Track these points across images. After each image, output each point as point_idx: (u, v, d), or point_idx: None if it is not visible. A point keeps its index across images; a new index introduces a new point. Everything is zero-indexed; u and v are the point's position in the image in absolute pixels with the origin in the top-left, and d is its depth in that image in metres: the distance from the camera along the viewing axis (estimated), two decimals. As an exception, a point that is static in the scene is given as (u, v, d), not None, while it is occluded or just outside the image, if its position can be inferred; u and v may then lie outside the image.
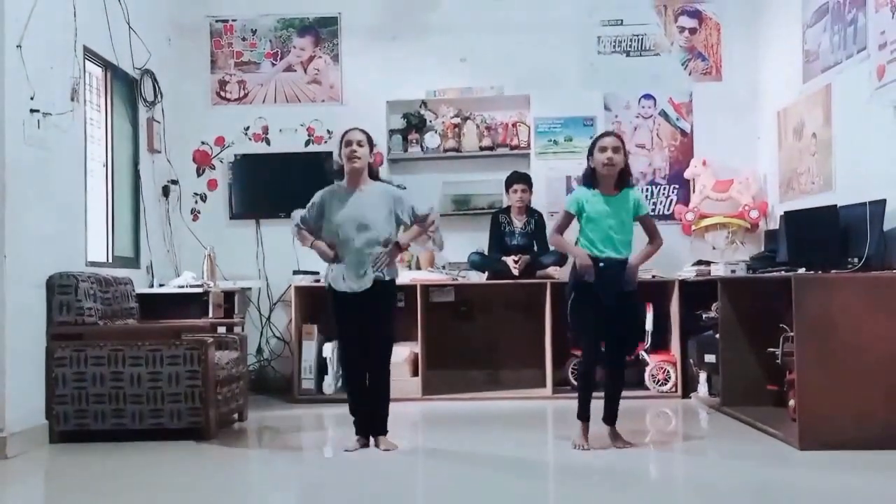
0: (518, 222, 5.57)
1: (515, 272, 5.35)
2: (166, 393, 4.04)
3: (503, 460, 3.59)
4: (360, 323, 3.76)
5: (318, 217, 3.80)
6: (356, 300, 3.73)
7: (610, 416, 3.73)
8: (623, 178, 3.65)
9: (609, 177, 3.63)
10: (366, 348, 3.77)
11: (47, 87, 4.17)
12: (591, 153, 3.67)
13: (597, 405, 3.71)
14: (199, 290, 5.03)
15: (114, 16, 4.98)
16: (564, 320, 3.82)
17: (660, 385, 5.32)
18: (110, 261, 4.99)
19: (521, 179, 5.54)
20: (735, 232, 5.71)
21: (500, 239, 5.54)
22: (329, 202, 3.79)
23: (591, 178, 3.66)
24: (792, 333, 3.73)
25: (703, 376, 5.10)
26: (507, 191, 5.60)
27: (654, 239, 3.75)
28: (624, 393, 3.83)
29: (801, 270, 4.00)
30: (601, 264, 3.59)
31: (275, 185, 5.96)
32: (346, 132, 3.81)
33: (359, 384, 3.82)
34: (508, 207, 5.63)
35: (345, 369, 3.93)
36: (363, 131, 3.83)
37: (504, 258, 5.39)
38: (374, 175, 3.86)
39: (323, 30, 6.03)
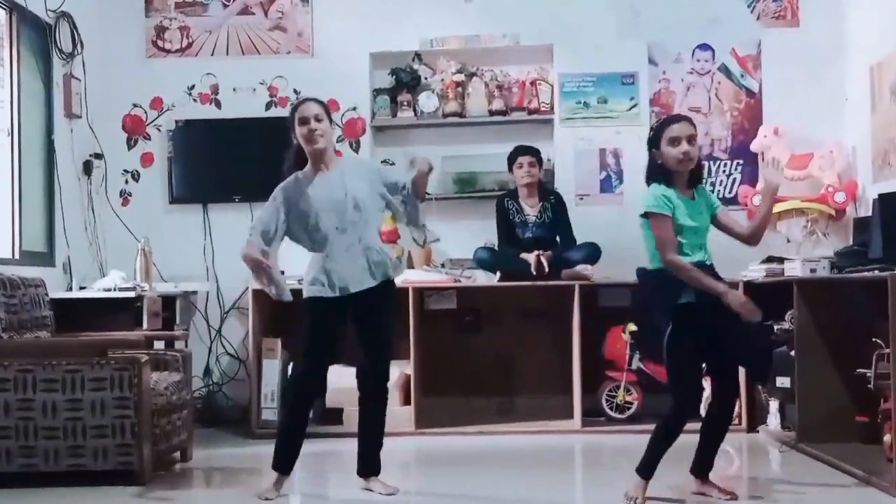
0: (529, 208, 5.56)
1: (535, 272, 5.34)
2: (89, 426, 4.03)
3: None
4: (336, 336, 3.80)
5: (283, 222, 3.79)
6: (343, 308, 3.75)
7: (705, 465, 3.71)
8: (695, 174, 3.64)
9: (683, 174, 3.61)
10: (325, 369, 3.86)
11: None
12: (654, 144, 3.62)
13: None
14: (131, 294, 5.03)
15: (21, -57, 4.99)
16: (599, 337, 3.80)
17: (719, 416, 5.32)
18: (16, 257, 4.99)
19: (526, 151, 5.55)
20: (815, 220, 5.71)
21: (510, 230, 5.55)
22: (293, 197, 3.79)
23: (660, 175, 3.60)
24: (888, 350, 3.72)
25: (773, 405, 5.10)
26: (510, 169, 5.61)
27: (738, 225, 3.76)
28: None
29: (901, 269, 3.99)
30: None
31: (227, 160, 5.95)
32: (297, 107, 3.83)
33: (304, 415, 3.87)
34: (516, 190, 5.63)
35: (296, 394, 3.91)
36: (318, 102, 3.85)
37: (523, 255, 5.38)
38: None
39: (288, -39, 6.04)
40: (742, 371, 4.70)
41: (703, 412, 4.00)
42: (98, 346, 4.20)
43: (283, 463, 3.85)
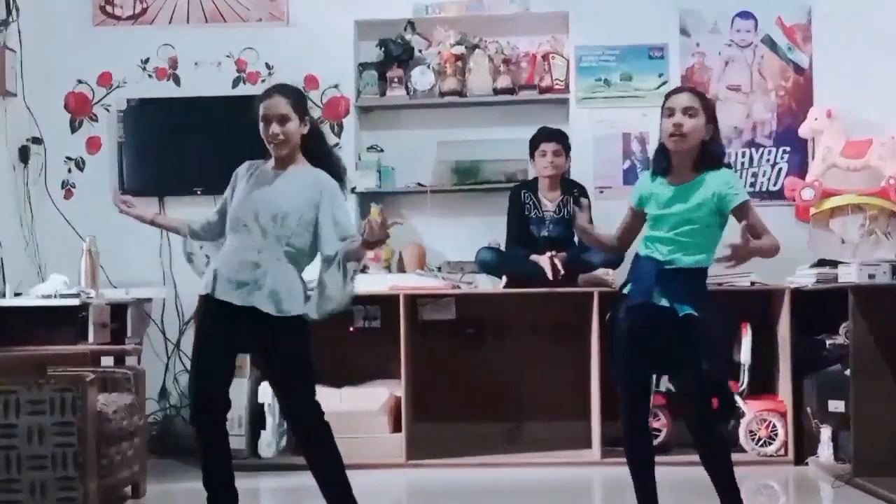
0: (549, 202, 5.56)
1: (551, 276, 5.33)
2: (24, 456, 4.02)
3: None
4: (232, 345, 3.76)
5: (229, 201, 3.85)
6: (235, 319, 3.67)
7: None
8: (707, 157, 3.57)
9: (680, 154, 3.57)
10: (225, 380, 3.77)
11: None
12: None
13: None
14: (75, 301, 5.01)
15: None
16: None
17: (762, 445, 5.32)
18: (-59, 258, 4.97)
19: (551, 136, 5.53)
20: (875, 218, 5.71)
21: (523, 227, 5.54)
22: (240, 180, 3.83)
23: (662, 159, 3.60)
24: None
25: (825, 433, 5.09)
26: (531, 156, 5.60)
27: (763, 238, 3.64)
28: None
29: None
30: (638, 262, 3.62)
31: (188, 146, 5.94)
32: (263, 99, 3.76)
33: (216, 432, 3.81)
34: (535, 180, 5.62)
35: (198, 435, 3.83)
36: (288, 95, 3.75)
37: (534, 256, 5.37)
38: (318, 152, 3.83)
39: (260, -87, 6.03)
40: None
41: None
42: (36, 362, 4.18)
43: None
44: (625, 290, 3.66)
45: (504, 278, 5.54)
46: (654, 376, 5.29)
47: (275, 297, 3.65)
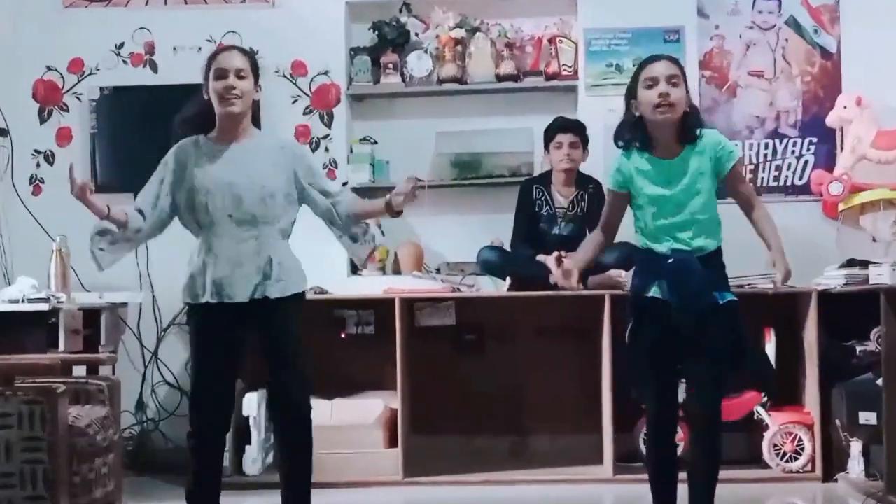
0: (563, 198, 5.57)
1: (559, 278, 5.32)
2: (-10, 473, 4.02)
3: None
4: (234, 349, 3.81)
5: (168, 194, 3.86)
6: (234, 319, 3.75)
7: None
8: (687, 126, 3.63)
9: (666, 127, 3.61)
10: (230, 392, 3.88)
11: None
12: (632, 94, 3.68)
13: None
14: (44, 306, 5.01)
15: None
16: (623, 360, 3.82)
17: (787, 461, 5.33)
18: None
19: (568, 127, 5.53)
20: (909, 214, 5.72)
21: (532, 225, 5.55)
22: (186, 165, 3.84)
23: (636, 133, 3.66)
24: None
25: (856, 446, 5.09)
26: (546, 147, 5.60)
27: (752, 207, 3.75)
28: (730, 473, 3.81)
29: None
30: (669, 261, 3.62)
31: (165, 137, 5.92)
32: (216, 55, 3.86)
33: (212, 450, 3.89)
34: (548, 174, 5.63)
35: (194, 456, 3.92)
36: (245, 53, 3.87)
37: (540, 256, 5.38)
38: (256, 123, 3.95)
39: None
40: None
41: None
42: (1, 372, 4.18)
43: None
44: (651, 293, 3.65)
45: (508, 280, 5.55)
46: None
47: (282, 282, 3.75)
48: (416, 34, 6.04)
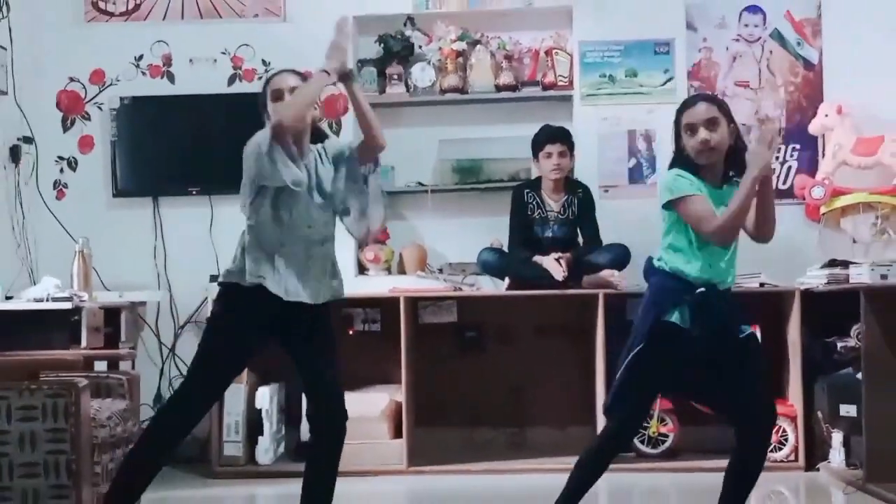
0: (553, 203, 5.57)
1: (560, 276, 5.33)
2: (16, 463, 4.01)
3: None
4: (252, 349, 3.68)
5: (269, 175, 3.50)
6: (275, 320, 3.59)
7: None
8: (734, 162, 3.51)
9: (714, 166, 3.52)
10: (208, 405, 3.81)
11: None
12: (677, 132, 3.54)
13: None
14: (67, 305, 5.01)
15: None
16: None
17: (771, 451, 5.32)
18: (-70, 261, 4.98)
19: (556, 136, 5.53)
20: (886, 216, 5.71)
21: (526, 228, 5.56)
22: (278, 157, 3.50)
23: (685, 163, 3.51)
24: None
25: (837, 437, 5.10)
26: (535, 156, 5.60)
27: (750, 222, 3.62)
28: (718, 462, 3.81)
29: None
30: (698, 290, 3.46)
31: (183, 144, 5.95)
32: (270, 79, 3.81)
33: (165, 450, 3.86)
34: (538, 180, 5.64)
35: (176, 424, 3.85)
36: (295, 73, 3.84)
37: (537, 257, 5.39)
38: (319, 136, 3.86)
39: None
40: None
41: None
42: (27, 367, 4.18)
43: None
44: (673, 320, 3.45)
45: (507, 280, 5.55)
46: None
47: (336, 287, 3.68)
48: (420, 47, 6.04)
